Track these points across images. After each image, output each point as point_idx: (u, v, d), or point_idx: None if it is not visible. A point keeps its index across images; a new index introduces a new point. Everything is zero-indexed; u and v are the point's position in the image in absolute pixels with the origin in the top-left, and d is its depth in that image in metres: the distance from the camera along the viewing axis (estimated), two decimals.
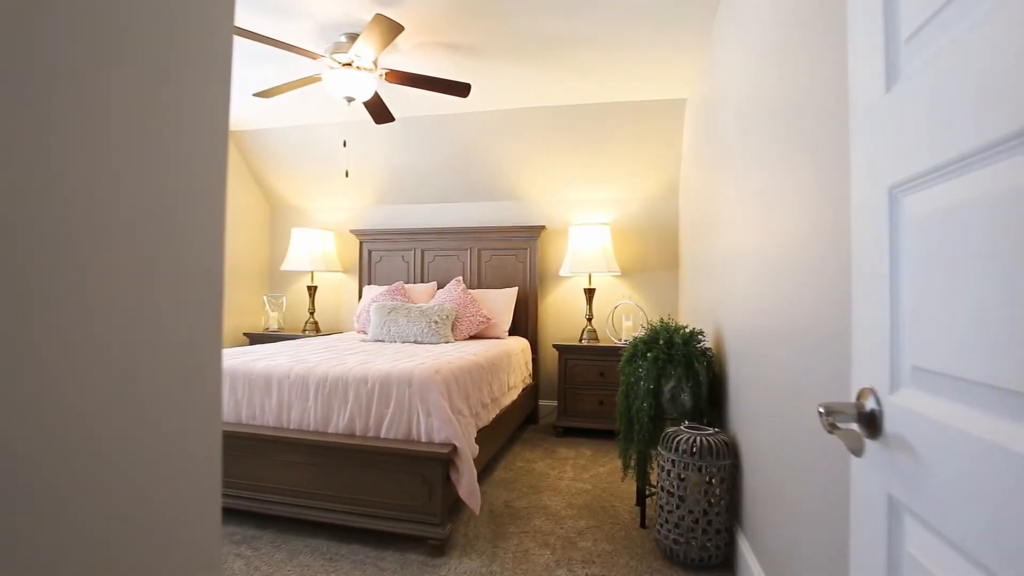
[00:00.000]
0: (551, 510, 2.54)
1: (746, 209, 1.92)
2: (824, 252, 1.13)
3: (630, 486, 2.80)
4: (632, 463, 2.39)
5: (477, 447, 2.36)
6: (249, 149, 4.59)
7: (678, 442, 2.02)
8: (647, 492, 2.43)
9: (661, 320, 2.48)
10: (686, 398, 2.27)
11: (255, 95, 2.97)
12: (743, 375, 1.94)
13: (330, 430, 2.32)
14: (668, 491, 2.04)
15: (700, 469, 1.95)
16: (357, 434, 2.29)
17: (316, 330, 4.58)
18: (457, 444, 2.16)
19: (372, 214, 4.84)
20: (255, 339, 4.52)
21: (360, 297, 4.60)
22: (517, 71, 3.20)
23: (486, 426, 2.77)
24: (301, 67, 3.04)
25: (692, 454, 1.97)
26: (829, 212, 1.11)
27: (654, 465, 2.36)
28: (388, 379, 2.29)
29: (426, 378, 2.26)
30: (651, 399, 2.27)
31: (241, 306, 4.71)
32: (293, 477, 2.27)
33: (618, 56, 3.00)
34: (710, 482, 1.96)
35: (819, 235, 1.17)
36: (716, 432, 2.04)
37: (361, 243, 4.69)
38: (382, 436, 2.26)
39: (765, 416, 1.61)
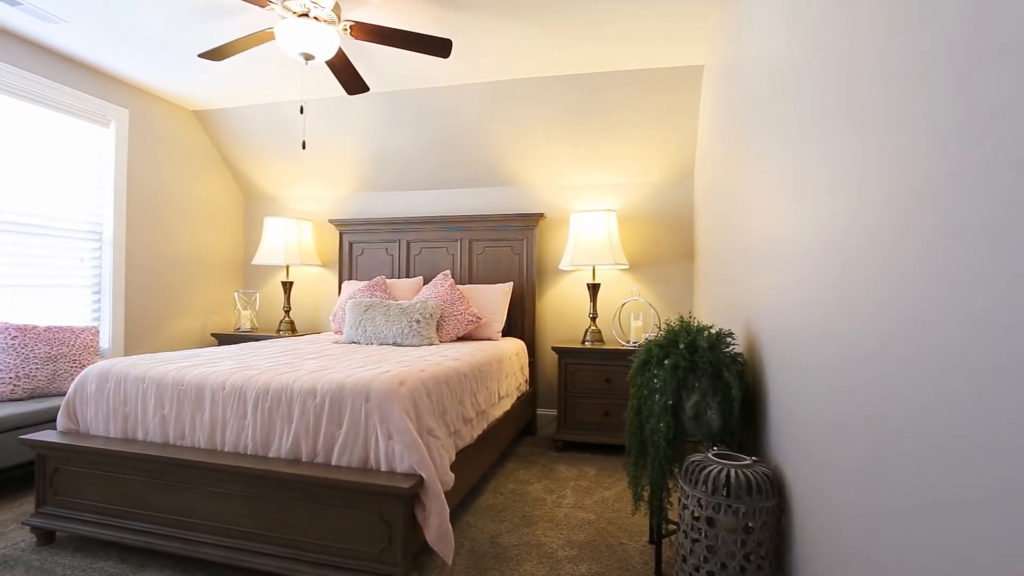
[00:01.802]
0: (546, 549, 2.09)
1: (788, 189, 1.47)
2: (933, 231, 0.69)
3: (642, 518, 2.35)
4: (645, 495, 1.94)
5: (452, 476, 1.91)
6: (217, 131, 4.16)
7: (706, 475, 1.57)
8: (664, 530, 1.97)
9: (680, 319, 2.02)
10: (713, 416, 1.81)
11: (201, 56, 2.54)
12: (793, 390, 1.48)
13: (271, 454, 1.88)
14: (692, 537, 1.59)
15: (735, 511, 1.50)
16: (303, 460, 1.85)
17: (292, 330, 4.16)
18: (424, 475, 1.71)
19: (353, 202, 4.40)
20: (224, 340, 4.10)
21: (340, 293, 4.17)
22: (507, 27, 2.75)
23: (470, 445, 2.32)
24: (251, 23, 2.61)
25: (724, 492, 1.52)
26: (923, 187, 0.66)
27: (672, 499, 1.91)
28: (341, 392, 1.84)
29: (387, 391, 1.81)
30: (669, 417, 1.81)
31: (210, 304, 4.28)
32: (226, 512, 1.84)
33: (626, 10, 2.55)
34: (747, 528, 1.51)
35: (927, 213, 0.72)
36: (754, 462, 1.58)
37: (341, 234, 4.25)
38: (333, 463, 1.81)
39: (836, 449, 1.15)
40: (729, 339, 1.90)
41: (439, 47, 2.47)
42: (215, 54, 2.53)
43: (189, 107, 3.99)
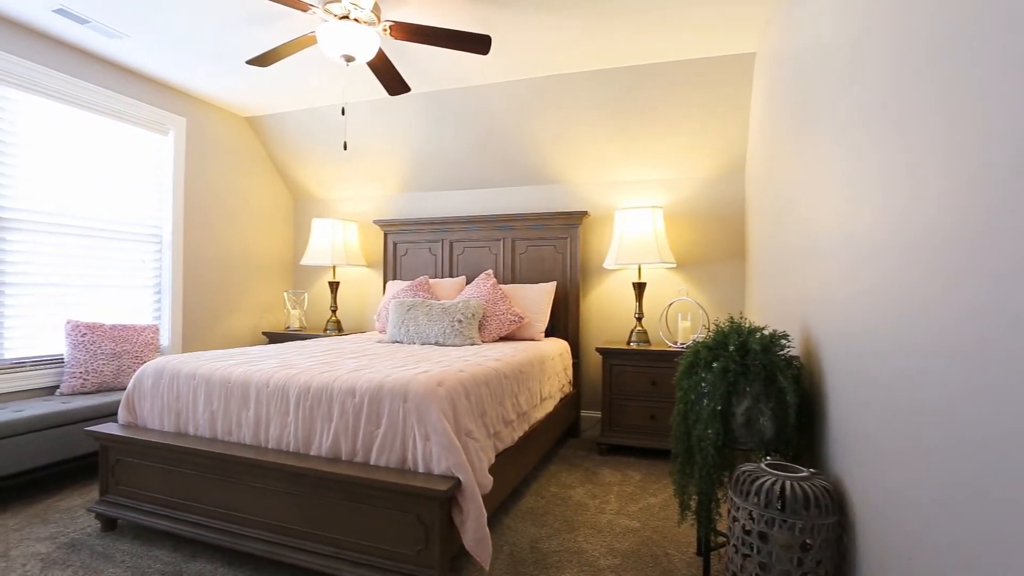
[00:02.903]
0: (588, 557, 2.02)
1: (852, 179, 1.35)
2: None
3: (689, 529, 2.24)
4: (692, 505, 1.84)
5: (491, 479, 1.87)
6: (267, 135, 4.30)
7: (758, 487, 1.46)
8: (712, 542, 1.87)
9: (730, 319, 1.91)
10: (766, 423, 1.70)
11: (248, 62, 2.61)
12: (858, 399, 1.36)
13: (312, 452, 1.90)
14: (743, 552, 1.49)
15: (791, 527, 1.39)
16: (343, 458, 1.86)
17: (339, 330, 4.24)
18: (461, 478, 1.69)
19: (397, 203, 4.46)
20: (274, 339, 4.24)
21: (384, 293, 4.22)
22: (546, 21, 2.70)
23: (510, 447, 2.28)
24: (296, 27, 2.66)
25: (778, 506, 1.42)
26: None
27: (721, 511, 1.81)
28: (379, 392, 1.84)
29: (425, 392, 1.80)
30: (718, 423, 1.72)
31: (261, 303, 4.44)
32: (271, 508, 1.87)
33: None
34: (805, 546, 1.40)
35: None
36: (812, 474, 1.47)
37: (385, 235, 4.31)
38: (372, 463, 1.81)
39: (914, 468, 1.04)
40: (784, 341, 1.78)
41: (478, 44, 2.45)
42: (262, 60, 2.60)
43: (241, 114, 4.14)
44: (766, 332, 1.81)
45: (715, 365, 1.75)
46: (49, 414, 2.52)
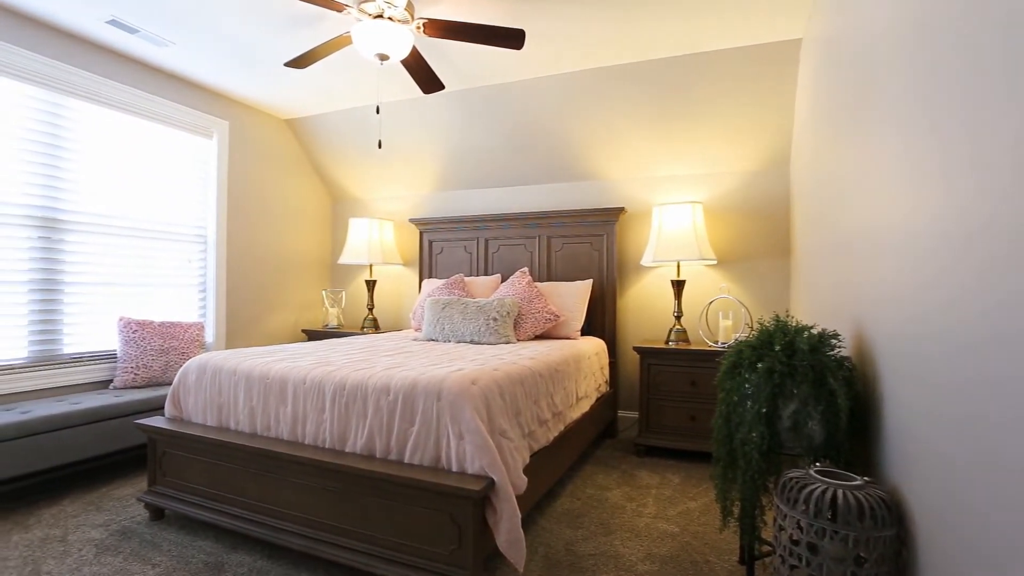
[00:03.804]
0: (625, 561, 1.97)
1: (911, 167, 1.25)
2: None
3: (732, 535, 2.16)
4: (735, 511, 1.77)
5: (525, 480, 1.84)
6: (306, 137, 4.39)
7: (807, 495, 1.38)
8: (756, 551, 1.79)
9: (775, 318, 1.82)
10: (815, 427, 1.61)
11: (286, 65, 2.66)
12: (920, 404, 1.27)
13: (347, 448, 1.92)
14: (790, 563, 1.41)
15: (843, 539, 1.31)
16: (377, 455, 1.86)
17: (375, 327, 4.30)
18: (495, 478, 1.66)
19: (432, 201, 4.48)
20: (313, 336, 4.33)
21: (420, 291, 4.25)
22: (581, 13, 2.64)
23: (545, 447, 2.25)
24: (332, 29, 2.70)
25: (829, 515, 1.33)
26: None
27: (766, 519, 1.72)
28: (413, 389, 1.84)
29: (459, 390, 1.78)
30: (763, 427, 1.63)
31: (301, 301, 4.54)
32: (308, 503, 1.89)
33: None
34: (859, 560, 1.31)
35: None
36: (867, 483, 1.38)
37: (421, 233, 4.34)
38: (406, 460, 1.81)
39: (987, 484, 0.96)
40: (834, 341, 1.68)
41: (512, 39, 2.42)
42: (299, 62, 2.64)
43: (281, 116, 4.24)
44: (814, 331, 1.71)
45: (759, 366, 1.67)
46: (103, 407, 2.63)
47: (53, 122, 2.88)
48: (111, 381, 3.09)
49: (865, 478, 1.40)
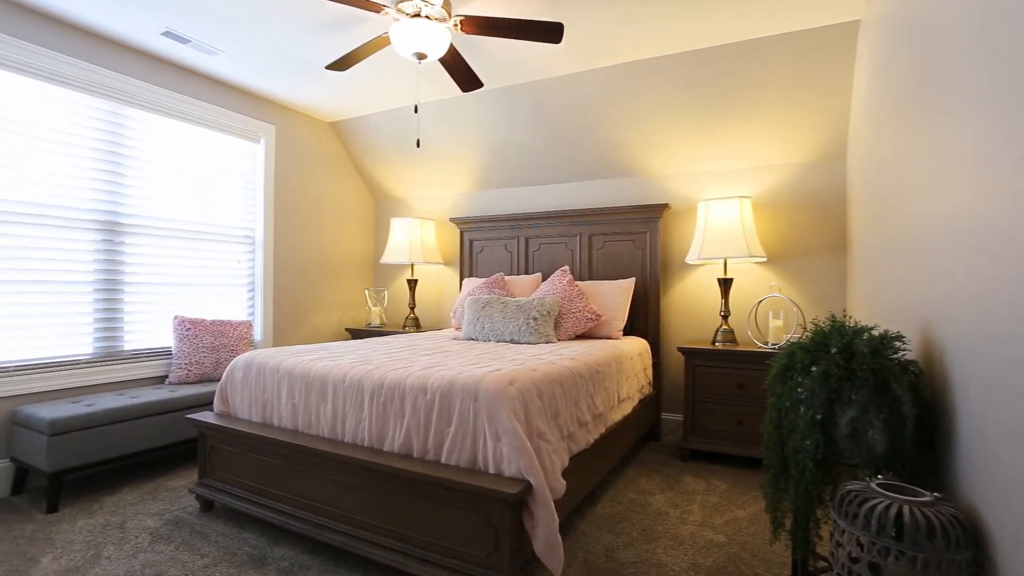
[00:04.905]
0: (668, 570, 1.89)
1: (993, 160, 1.13)
2: None
3: (783, 549, 2.04)
4: (786, 522, 1.67)
5: (563, 483, 1.80)
6: (349, 139, 4.47)
7: (869, 510, 1.28)
8: (811, 566, 1.68)
9: (831, 318, 1.70)
10: (877, 437, 1.49)
11: (327, 67, 2.70)
12: (1004, 413, 1.15)
13: (385, 447, 1.92)
14: None
15: (911, 560, 1.20)
16: (414, 455, 1.86)
17: (417, 326, 4.34)
18: (532, 481, 1.62)
19: (472, 201, 4.48)
20: (356, 335, 4.41)
21: (461, 290, 4.26)
22: (621, 3, 2.56)
23: (585, 449, 2.19)
24: (371, 31, 2.72)
25: (894, 534, 1.23)
26: None
27: (821, 532, 1.62)
28: (450, 390, 1.82)
29: (496, 391, 1.75)
30: (818, 434, 1.53)
31: (345, 300, 4.63)
32: (347, 500, 1.91)
33: None
34: None
35: None
36: (937, 500, 1.26)
37: (462, 232, 4.34)
38: (443, 461, 1.80)
39: None
40: (898, 343, 1.56)
41: (550, 33, 2.37)
42: (340, 64, 2.68)
43: (325, 119, 4.33)
44: (875, 332, 1.59)
45: (814, 369, 1.56)
46: (159, 401, 2.75)
47: (113, 131, 3.04)
48: (167, 376, 3.23)
49: (935, 494, 1.28)
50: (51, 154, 2.76)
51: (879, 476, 1.43)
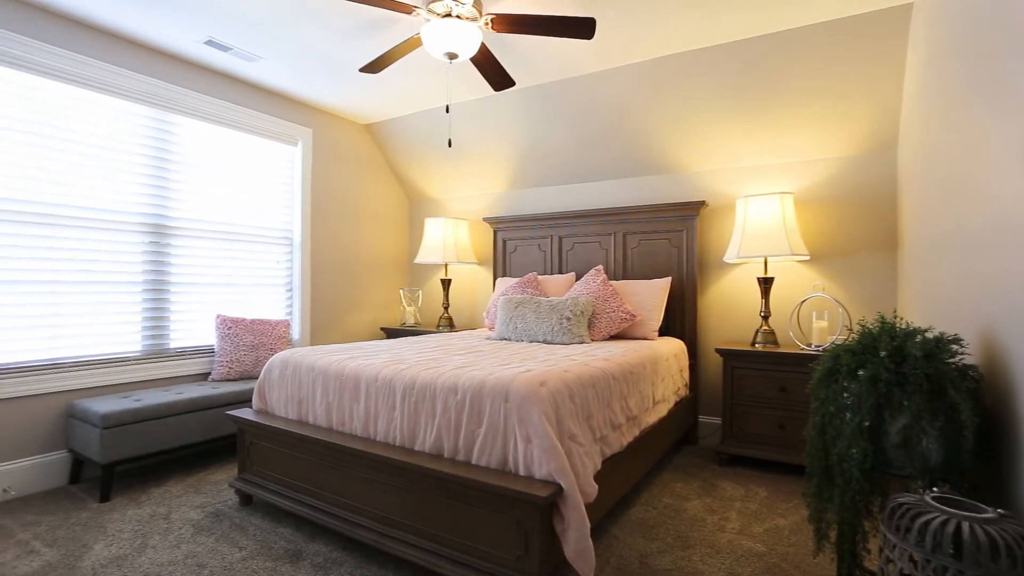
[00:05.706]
0: None
1: None
2: None
3: (827, 561, 1.95)
4: (831, 534, 1.59)
5: (595, 487, 1.76)
6: (384, 140, 4.53)
7: (923, 525, 1.20)
8: None
9: (881, 319, 1.61)
10: (931, 446, 1.40)
11: (361, 70, 2.73)
12: None
13: (416, 447, 1.93)
14: None
15: None
16: (445, 455, 1.85)
17: (451, 326, 4.36)
18: (563, 484, 1.60)
19: (505, 200, 4.47)
20: (391, 334, 4.47)
21: (494, 290, 4.25)
22: None
23: (618, 452, 2.15)
24: (402, 33, 2.74)
25: (952, 552, 1.14)
26: None
27: (869, 546, 1.53)
28: (481, 390, 1.81)
29: (527, 392, 1.73)
30: (865, 442, 1.45)
31: (380, 300, 4.69)
32: (379, 499, 1.93)
33: None
34: None
35: None
36: (1001, 516, 1.17)
37: (495, 232, 4.34)
38: (473, 462, 1.79)
39: None
40: (955, 347, 1.46)
41: (582, 28, 2.33)
42: (373, 66, 2.71)
43: (360, 121, 4.40)
44: (929, 335, 1.50)
45: (861, 373, 1.48)
46: (202, 397, 2.84)
47: (159, 136, 3.16)
48: (209, 373, 3.34)
49: (999, 510, 1.19)
50: (103, 161, 2.89)
51: (934, 489, 1.34)
